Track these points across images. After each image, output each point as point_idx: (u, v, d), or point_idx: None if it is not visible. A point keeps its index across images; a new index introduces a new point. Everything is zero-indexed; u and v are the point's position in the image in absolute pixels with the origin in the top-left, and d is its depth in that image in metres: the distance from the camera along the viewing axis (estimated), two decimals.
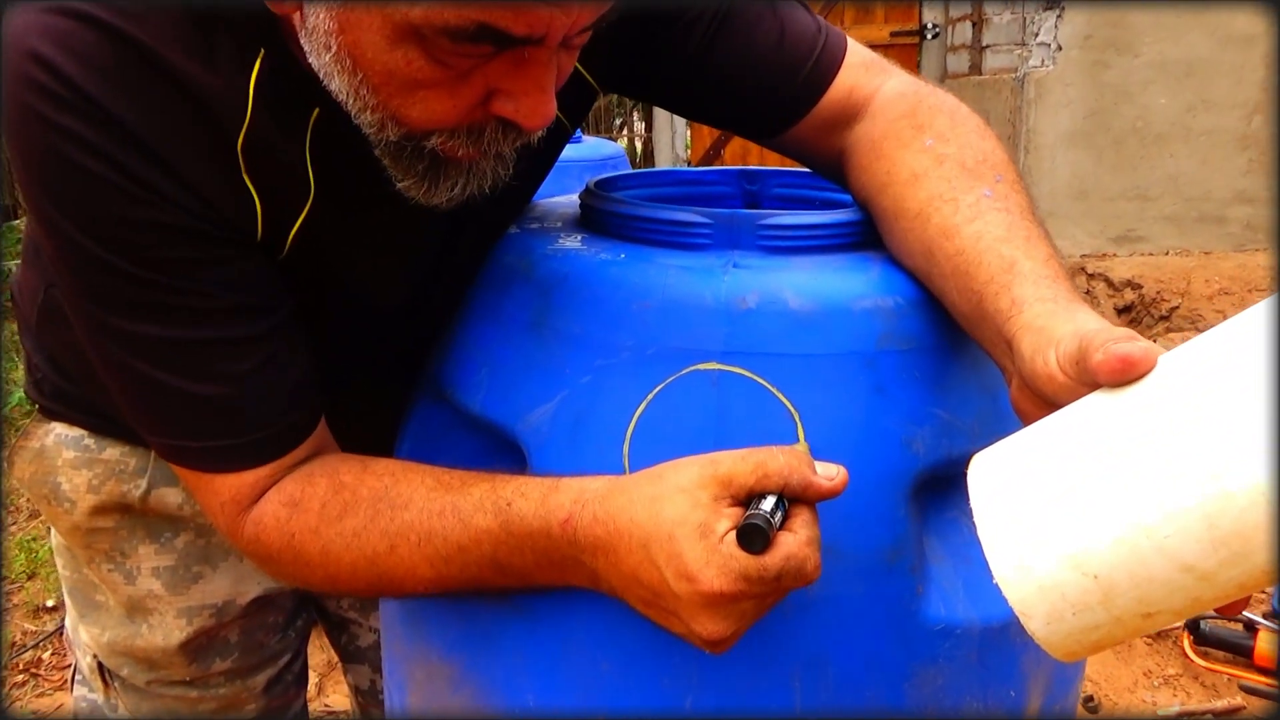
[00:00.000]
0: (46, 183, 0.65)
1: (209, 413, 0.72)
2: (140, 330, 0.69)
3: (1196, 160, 4.66)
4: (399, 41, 0.58)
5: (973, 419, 0.73)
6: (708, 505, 0.60)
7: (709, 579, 0.58)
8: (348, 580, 0.73)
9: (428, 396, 0.89)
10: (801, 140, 0.85)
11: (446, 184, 0.67)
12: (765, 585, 0.58)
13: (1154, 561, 0.47)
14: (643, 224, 0.79)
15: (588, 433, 0.73)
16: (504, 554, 0.67)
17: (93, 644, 1.02)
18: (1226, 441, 0.45)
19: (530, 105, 0.62)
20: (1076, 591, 0.49)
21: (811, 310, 0.71)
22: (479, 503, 0.68)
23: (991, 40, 5.02)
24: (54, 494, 0.96)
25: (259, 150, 0.68)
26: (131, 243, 0.66)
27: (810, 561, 0.59)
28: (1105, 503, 0.48)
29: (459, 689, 0.81)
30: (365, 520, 0.71)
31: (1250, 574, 0.46)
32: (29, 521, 2.97)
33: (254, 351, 0.72)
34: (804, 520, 0.61)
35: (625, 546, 0.62)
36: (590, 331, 0.74)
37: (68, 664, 2.27)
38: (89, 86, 0.62)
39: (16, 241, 5.38)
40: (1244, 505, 0.45)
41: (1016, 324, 0.61)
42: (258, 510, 0.74)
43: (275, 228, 0.72)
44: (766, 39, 0.81)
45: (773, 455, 0.61)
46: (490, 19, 0.56)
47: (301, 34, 0.63)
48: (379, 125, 0.64)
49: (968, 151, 0.75)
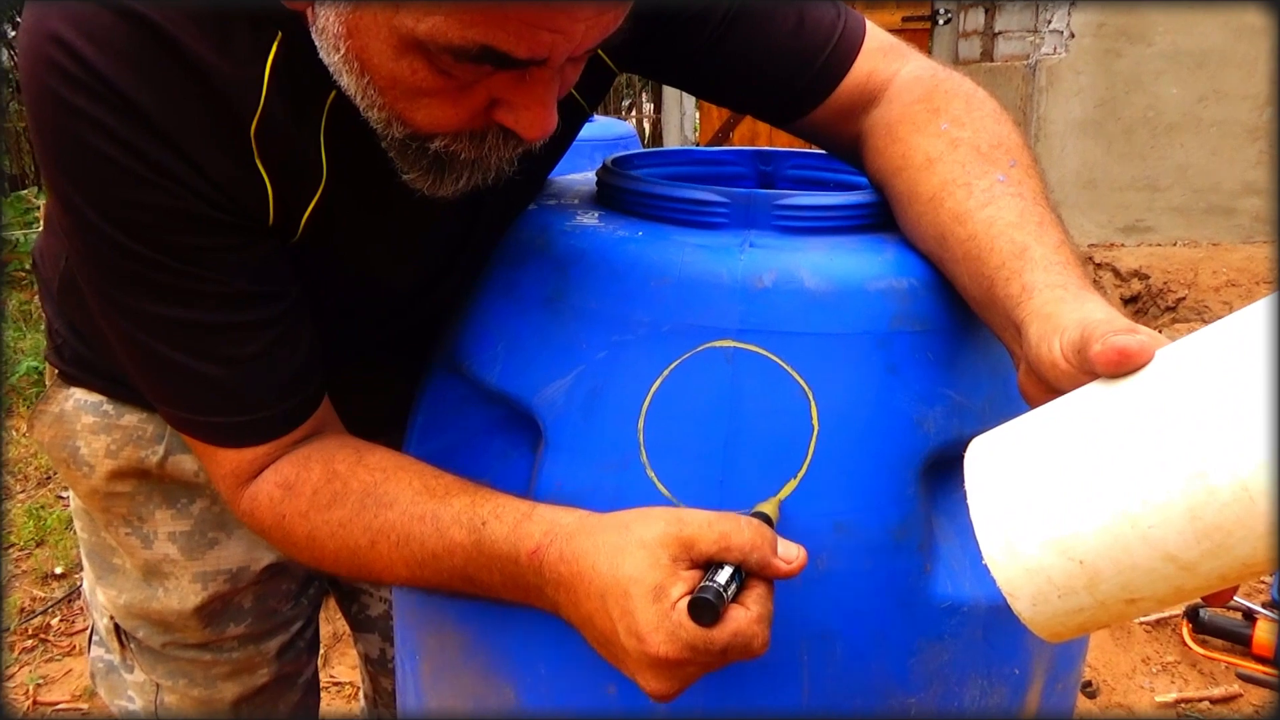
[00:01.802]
0: (62, 162, 0.66)
1: (212, 390, 0.74)
2: (147, 308, 0.71)
3: (1206, 151, 4.65)
4: (404, 52, 0.59)
5: (982, 400, 0.74)
6: (666, 566, 0.61)
7: (656, 643, 0.60)
8: (331, 565, 0.77)
9: (443, 369, 0.90)
10: (819, 124, 0.85)
11: (451, 178, 0.69)
12: (710, 656, 0.60)
13: (1138, 550, 0.48)
14: (660, 202, 0.80)
15: (603, 408, 0.74)
16: (474, 570, 0.70)
17: (110, 606, 1.04)
18: (1213, 437, 0.46)
19: (530, 119, 0.64)
20: (1062, 575, 0.50)
21: (826, 290, 0.72)
22: (456, 515, 0.70)
23: (1004, 27, 4.99)
24: (73, 458, 0.98)
25: (272, 136, 0.70)
26: (142, 224, 0.67)
27: (758, 639, 0.61)
28: (1093, 490, 0.50)
29: (471, 657, 0.82)
30: (352, 513, 0.73)
31: (1231, 566, 0.48)
32: (37, 489, 3.00)
33: (258, 336, 0.74)
34: (758, 596, 0.62)
35: (584, 590, 0.63)
36: (607, 308, 0.75)
37: (76, 630, 2.31)
38: (106, 71, 0.63)
39: (24, 210, 5.39)
40: (1226, 500, 0.46)
41: (1025, 310, 0.62)
42: (254, 487, 0.77)
43: (287, 212, 0.73)
44: (784, 24, 0.81)
45: (738, 529, 0.62)
46: (493, 41, 0.57)
47: (313, 31, 0.64)
48: (385, 123, 0.65)
49: (983, 136, 0.75)
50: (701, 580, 0.61)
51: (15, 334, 4.36)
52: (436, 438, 0.89)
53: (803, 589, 0.69)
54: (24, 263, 5.15)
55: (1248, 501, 0.45)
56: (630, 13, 0.62)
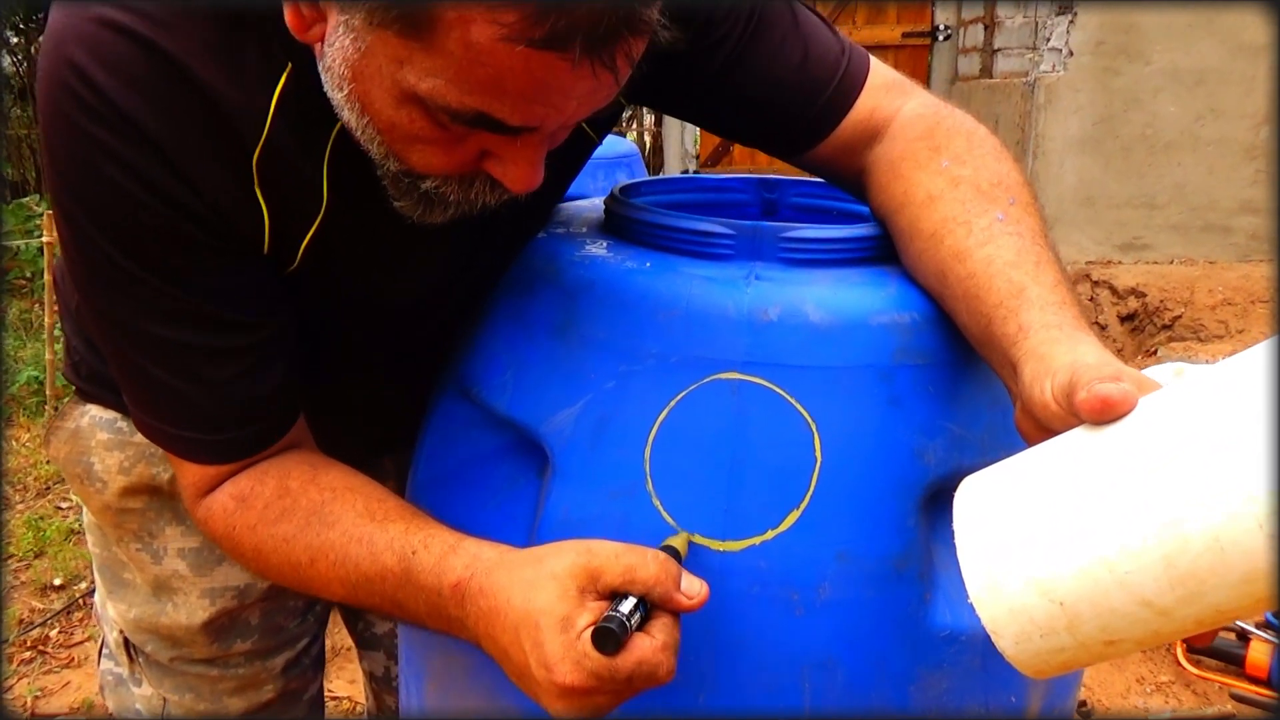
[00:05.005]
0: (68, 179, 0.69)
1: (184, 406, 0.77)
2: (131, 321, 0.74)
3: (1204, 169, 4.67)
4: (404, 103, 0.62)
5: (982, 433, 0.76)
6: (574, 597, 0.64)
7: (563, 673, 0.62)
8: (275, 577, 0.80)
9: (451, 392, 0.91)
10: (823, 158, 0.87)
11: (439, 209, 0.72)
12: (616, 684, 0.62)
13: (1115, 594, 0.50)
14: (667, 233, 0.81)
15: (610, 436, 0.75)
16: (403, 597, 0.72)
17: (120, 620, 1.06)
18: (1188, 486, 0.48)
19: (516, 174, 0.67)
20: (1043, 615, 0.52)
21: (831, 324, 0.73)
22: (390, 541, 0.73)
23: (1003, 44, 5.02)
24: (87, 474, 0.99)
25: (274, 164, 0.72)
26: (137, 244, 0.70)
27: (663, 667, 0.63)
28: (1073, 534, 0.51)
29: (477, 679, 0.83)
30: (296, 529, 0.76)
31: (1206, 613, 0.49)
32: (37, 500, 3.00)
33: (236, 360, 0.77)
34: (664, 624, 0.65)
35: (500, 624, 0.66)
36: (616, 338, 0.77)
37: (75, 642, 2.31)
38: (118, 97, 0.66)
39: (25, 218, 5.39)
40: (1199, 550, 0.47)
41: (1020, 349, 0.64)
42: (210, 498, 0.80)
43: (284, 240, 0.76)
44: (790, 60, 0.83)
45: (644, 562, 0.65)
46: (489, 110, 0.60)
47: (320, 66, 0.66)
48: (382, 157, 0.68)
49: (983, 174, 0.77)
50: (607, 611, 0.63)
51: (16, 343, 4.36)
52: (444, 461, 0.90)
53: (805, 617, 0.71)
54: (24, 271, 5.16)
55: (1219, 551, 0.46)
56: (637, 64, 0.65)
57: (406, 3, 0.56)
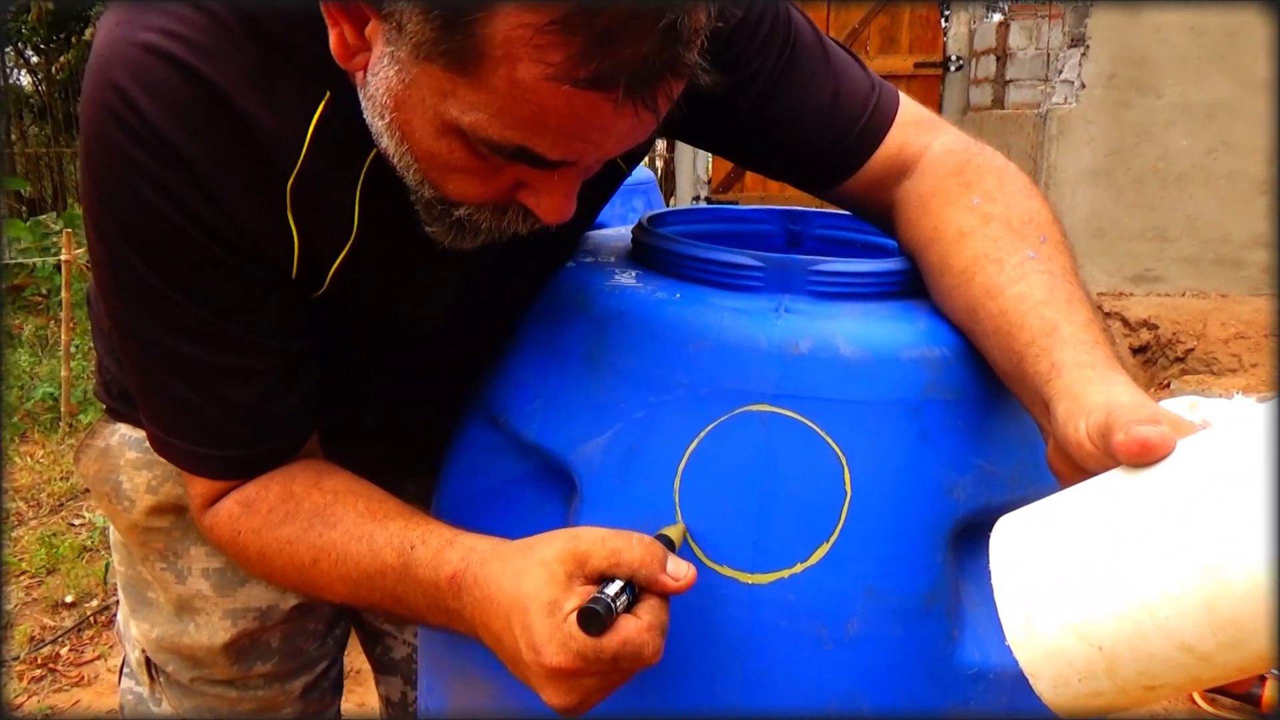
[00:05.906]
0: (106, 199, 0.71)
1: (200, 423, 0.78)
2: (156, 336, 0.75)
3: (1215, 202, 4.68)
4: (445, 134, 0.64)
5: (1011, 469, 0.76)
6: (561, 582, 0.65)
7: (550, 654, 0.63)
8: (279, 580, 0.81)
9: (478, 419, 0.92)
10: (852, 194, 0.88)
11: (470, 236, 0.73)
12: (602, 665, 0.63)
13: (1155, 639, 0.50)
14: (696, 264, 0.82)
15: (639, 466, 0.76)
16: (402, 592, 0.73)
17: (142, 639, 1.06)
18: (1229, 531, 0.48)
19: (550, 205, 0.69)
20: (1082, 660, 0.52)
21: (861, 358, 0.74)
22: (390, 538, 0.74)
23: (1015, 75, 5.05)
24: (115, 492, 1.00)
25: (307, 191, 0.73)
26: (166, 262, 0.72)
27: (649, 647, 0.64)
28: (1112, 578, 0.51)
29: (501, 706, 0.83)
30: (299, 531, 0.77)
31: (1248, 659, 0.49)
32: (50, 516, 3.01)
33: (254, 381, 0.78)
34: (650, 606, 0.66)
35: (494, 612, 0.67)
36: (645, 368, 0.77)
37: (85, 660, 2.31)
38: (159, 123, 0.68)
39: (41, 235, 5.43)
40: (1241, 596, 0.47)
41: (1054, 388, 0.64)
42: (217, 505, 0.82)
43: (313, 264, 0.77)
44: (821, 96, 0.83)
45: (629, 546, 0.66)
46: (530, 145, 0.62)
47: (361, 94, 0.68)
48: (418, 184, 0.70)
49: (1014, 211, 0.78)
50: (594, 594, 0.64)
51: (31, 359, 4.38)
52: (469, 486, 0.91)
53: (833, 651, 0.71)
54: (40, 288, 5.19)
55: (1261, 598, 0.46)
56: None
57: (454, 39, 0.57)
